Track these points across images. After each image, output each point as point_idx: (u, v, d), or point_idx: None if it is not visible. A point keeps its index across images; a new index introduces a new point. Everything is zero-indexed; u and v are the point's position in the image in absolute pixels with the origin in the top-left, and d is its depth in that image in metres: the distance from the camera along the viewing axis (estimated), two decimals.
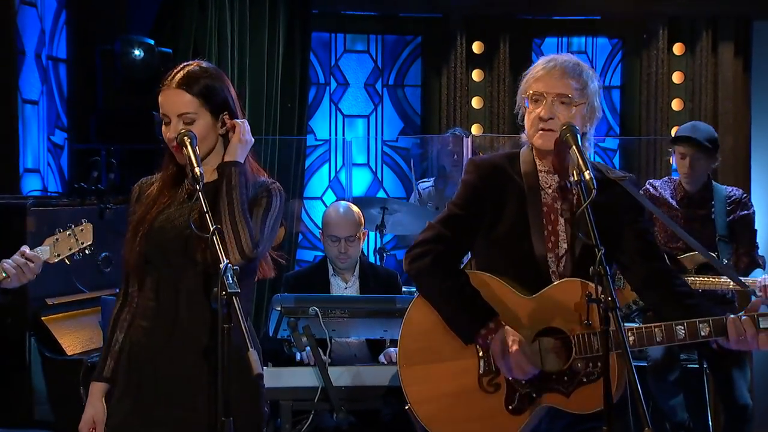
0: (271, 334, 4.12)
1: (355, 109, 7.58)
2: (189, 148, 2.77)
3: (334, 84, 7.54)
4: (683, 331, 2.88)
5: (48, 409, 4.53)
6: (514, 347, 2.89)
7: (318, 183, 7.50)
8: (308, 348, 4.09)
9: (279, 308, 4.01)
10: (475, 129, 7.24)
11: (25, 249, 3.24)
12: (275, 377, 4.06)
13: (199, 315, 2.83)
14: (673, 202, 5.25)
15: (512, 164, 3.06)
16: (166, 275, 2.86)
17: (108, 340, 2.95)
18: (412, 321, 3.06)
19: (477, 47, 7.35)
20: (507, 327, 2.92)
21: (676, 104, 7.38)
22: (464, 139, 6.45)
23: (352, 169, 7.29)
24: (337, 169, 7.49)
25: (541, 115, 2.98)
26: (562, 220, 3.01)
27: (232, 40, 6.57)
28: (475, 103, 7.31)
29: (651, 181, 5.40)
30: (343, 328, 4.17)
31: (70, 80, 6.26)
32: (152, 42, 5.84)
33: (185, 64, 2.95)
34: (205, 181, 2.82)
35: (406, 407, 3.01)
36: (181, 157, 2.84)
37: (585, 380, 2.92)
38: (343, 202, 5.25)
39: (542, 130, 2.98)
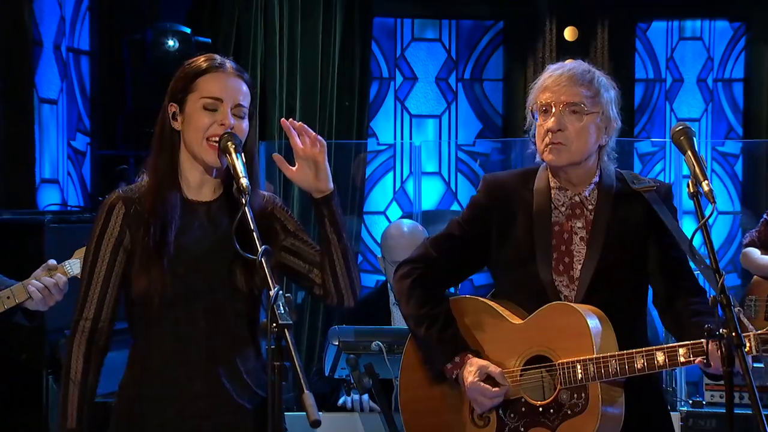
0: (327, 373, 4.12)
1: (425, 107, 7.58)
2: (234, 154, 2.77)
3: (399, 78, 7.56)
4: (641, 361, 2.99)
5: None
6: (470, 378, 3.12)
7: (380, 195, 7.52)
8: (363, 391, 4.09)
9: (336, 343, 4.01)
10: None
11: (53, 263, 3.27)
12: (331, 425, 4.06)
13: (241, 352, 2.85)
14: None
15: (526, 181, 3.22)
16: (189, 310, 2.84)
17: (80, 383, 2.82)
18: (408, 351, 3.32)
19: (570, 33, 7.31)
20: (473, 359, 3.14)
21: None
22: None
23: (421, 179, 7.28)
24: (404, 178, 7.50)
25: (550, 127, 3.09)
26: (576, 239, 3.14)
27: (280, 28, 6.62)
28: None
29: None
30: None
31: (93, 76, 6.36)
32: (188, 31, 5.91)
33: (213, 54, 2.96)
34: (197, 198, 2.86)
35: None
36: (212, 156, 2.85)
37: (570, 413, 3.06)
38: (406, 221, 5.24)
39: (552, 144, 3.10)
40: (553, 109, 3.09)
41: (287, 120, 2.87)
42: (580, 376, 3.03)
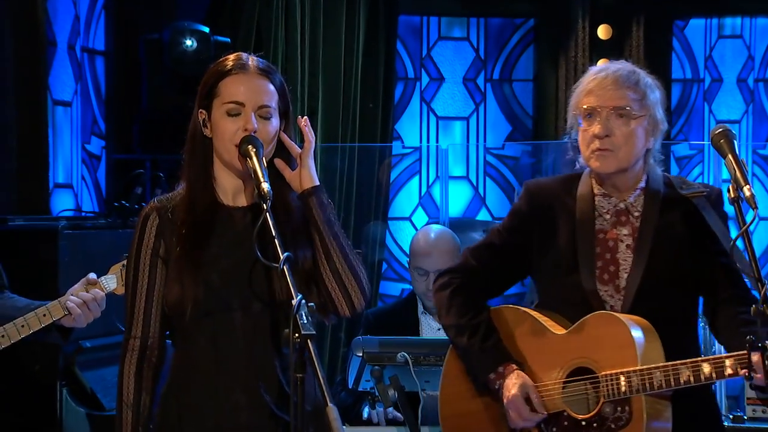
0: (351, 386, 4.14)
1: (452, 109, 7.58)
2: (255, 158, 2.80)
3: (425, 79, 7.56)
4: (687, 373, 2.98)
5: None
6: (513, 391, 3.14)
7: (406, 200, 7.52)
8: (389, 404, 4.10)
9: (361, 354, 4.02)
10: None
11: (93, 277, 3.30)
12: None
13: (265, 363, 2.87)
14: None
15: (569, 188, 3.26)
16: (226, 321, 2.87)
17: (133, 406, 2.88)
18: (450, 361, 3.38)
19: (603, 32, 7.30)
20: (518, 372, 3.18)
21: None
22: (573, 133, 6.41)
23: (448, 184, 7.27)
24: (430, 183, 7.50)
25: (596, 133, 3.12)
26: (623, 247, 3.16)
27: (302, 27, 6.64)
28: None
29: None
30: (437, 379, 4.17)
31: (109, 77, 6.40)
32: (207, 30, 5.93)
33: (241, 53, 2.99)
34: (235, 204, 2.89)
35: None
36: (239, 162, 2.88)
37: (613, 427, 3.07)
38: (434, 226, 5.25)
39: (599, 150, 3.13)
40: (599, 114, 3.12)
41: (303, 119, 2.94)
42: (623, 388, 3.04)
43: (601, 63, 3.15)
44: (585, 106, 3.16)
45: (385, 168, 7.14)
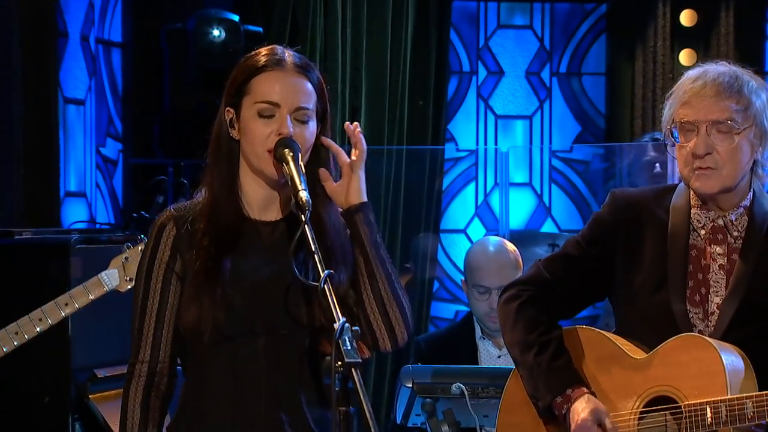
0: (399, 421, 4.13)
1: (513, 107, 7.58)
2: (292, 164, 2.79)
3: (483, 73, 7.56)
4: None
5: None
6: (582, 415, 3.10)
7: (460, 210, 7.52)
8: None
9: (410, 385, 4.01)
10: None
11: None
12: None
13: (290, 395, 2.86)
14: None
15: (661, 200, 3.26)
16: (248, 346, 2.86)
17: None
18: (510, 390, 3.36)
19: (687, 17, 7.26)
20: (589, 396, 3.15)
21: None
22: (668, 146, 6.37)
23: (508, 191, 7.26)
24: (487, 191, 7.49)
25: (696, 151, 3.11)
26: (716, 267, 3.16)
27: (343, 14, 6.66)
28: None
29: None
30: (497, 413, 4.15)
31: (126, 71, 6.44)
32: (236, 18, 5.97)
33: (275, 45, 2.99)
34: (262, 217, 2.88)
35: None
36: (272, 168, 2.87)
37: None
38: (492, 238, 5.23)
39: (699, 170, 3.11)
40: (698, 129, 3.10)
41: (352, 125, 2.91)
42: (709, 420, 3.01)
43: (689, 62, 3.11)
44: (682, 120, 3.13)
45: (437, 174, 7.13)
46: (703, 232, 3.19)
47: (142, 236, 3.41)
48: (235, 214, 2.91)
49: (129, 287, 3.33)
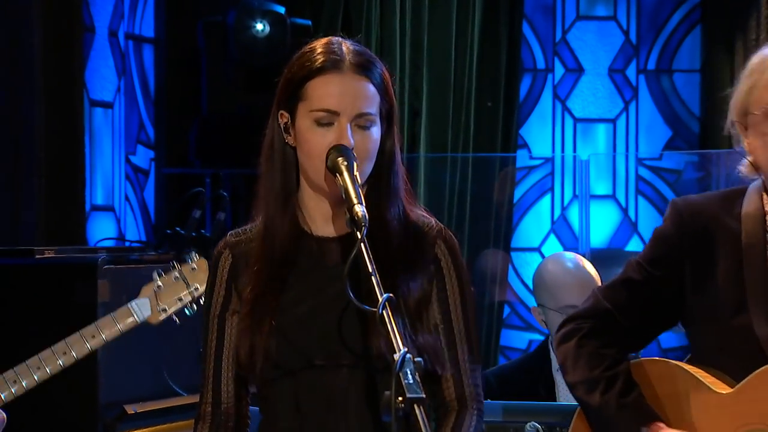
0: None
1: (595, 109, 7.57)
2: (346, 174, 2.80)
3: (560, 70, 7.57)
4: None
5: None
6: None
7: (534, 225, 7.53)
8: None
9: None
10: None
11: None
12: None
13: None
14: None
15: (729, 207, 3.21)
16: (310, 381, 2.88)
17: None
18: (579, 427, 3.31)
19: None
20: (668, 430, 3.12)
21: None
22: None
23: (589, 204, 7.25)
24: (565, 204, 7.49)
25: None
26: None
27: (401, 5, 6.67)
28: None
29: None
30: None
31: (159, 71, 6.48)
32: (282, 10, 5.99)
33: (332, 38, 2.99)
34: (325, 234, 2.89)
35: None
36: (332, 183, 2.87)
37: None
38: (569, 255, 5.21)
39: None
40: None
41: None
42: None
43: None
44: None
45: (508, 184, 7.12)
46: None
47: (174, 262, 3.41)
48: (291, 230, 2.92)
49: (162, 318, 3.33)
